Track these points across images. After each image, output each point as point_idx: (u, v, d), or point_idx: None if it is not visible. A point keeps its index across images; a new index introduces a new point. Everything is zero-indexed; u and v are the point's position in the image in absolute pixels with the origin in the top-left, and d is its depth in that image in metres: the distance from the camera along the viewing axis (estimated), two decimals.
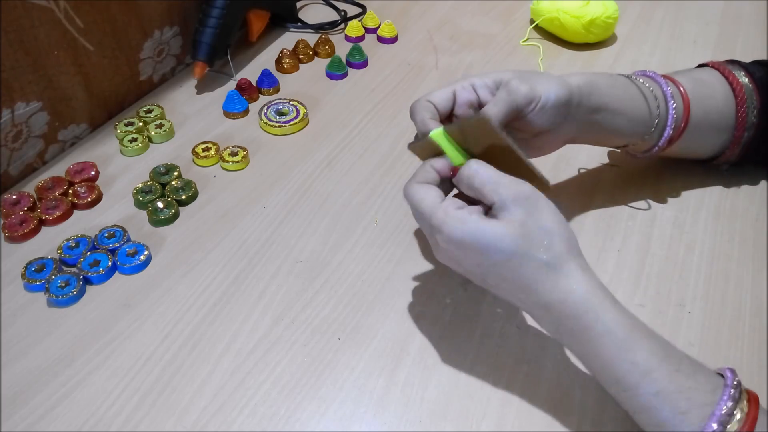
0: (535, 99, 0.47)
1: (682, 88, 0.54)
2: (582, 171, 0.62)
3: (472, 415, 0.43)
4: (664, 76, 0.54)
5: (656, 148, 0.54)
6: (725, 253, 0.55)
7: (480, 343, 0.48)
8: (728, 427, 0.35)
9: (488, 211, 0.41)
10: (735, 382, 0.36)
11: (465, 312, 0.50)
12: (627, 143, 0.55)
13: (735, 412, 0.35)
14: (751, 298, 0.51)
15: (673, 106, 0.52)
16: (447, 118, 0.48)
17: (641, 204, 0.59)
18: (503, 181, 0.40)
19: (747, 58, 0.59)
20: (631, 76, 0.54)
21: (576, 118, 0.50)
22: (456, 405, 0.44)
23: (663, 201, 0.59)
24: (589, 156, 0.63)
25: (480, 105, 0.48)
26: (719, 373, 0.38)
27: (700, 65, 0.60)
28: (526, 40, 0.84)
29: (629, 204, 0.59)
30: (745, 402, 0.36)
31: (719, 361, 0.46)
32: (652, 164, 0.62)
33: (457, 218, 0.40)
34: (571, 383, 0.45)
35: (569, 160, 0.63)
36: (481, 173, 0.41)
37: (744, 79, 0.55)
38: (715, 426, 0.34)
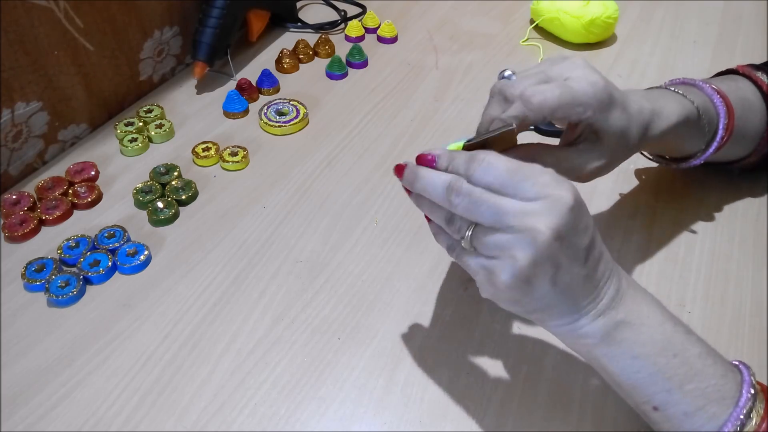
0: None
1: (732, 117, 0.52)
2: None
3: (472, 415, 0.43)
4: (717, 91, 0.52)
5: (685, 166, 0.54)
6: (725, 253, 0.55)
7: (480, 343, 0.48)
8: (757, 395, 0.35)
9: None
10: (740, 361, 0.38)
11: (465, 312, 0.50)
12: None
13: (754, 382, 0.36)
14: (751, 298, 0.51)
15: (717, 144, 0.51)
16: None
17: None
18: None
19: (747, 58, 0.59)
20: (699, 108, 0.50)
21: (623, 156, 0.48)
22: (456, 405, 0.44)
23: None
24: None
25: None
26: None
27: (731, 71, 0.57)
28: (526, 40, 0.84)
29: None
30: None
31: None
32: (652, 164, 0.62)
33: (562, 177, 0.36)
34: (571, 383, 0.45)
35: None
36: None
37: None
38: (752, 391, 0.35)
